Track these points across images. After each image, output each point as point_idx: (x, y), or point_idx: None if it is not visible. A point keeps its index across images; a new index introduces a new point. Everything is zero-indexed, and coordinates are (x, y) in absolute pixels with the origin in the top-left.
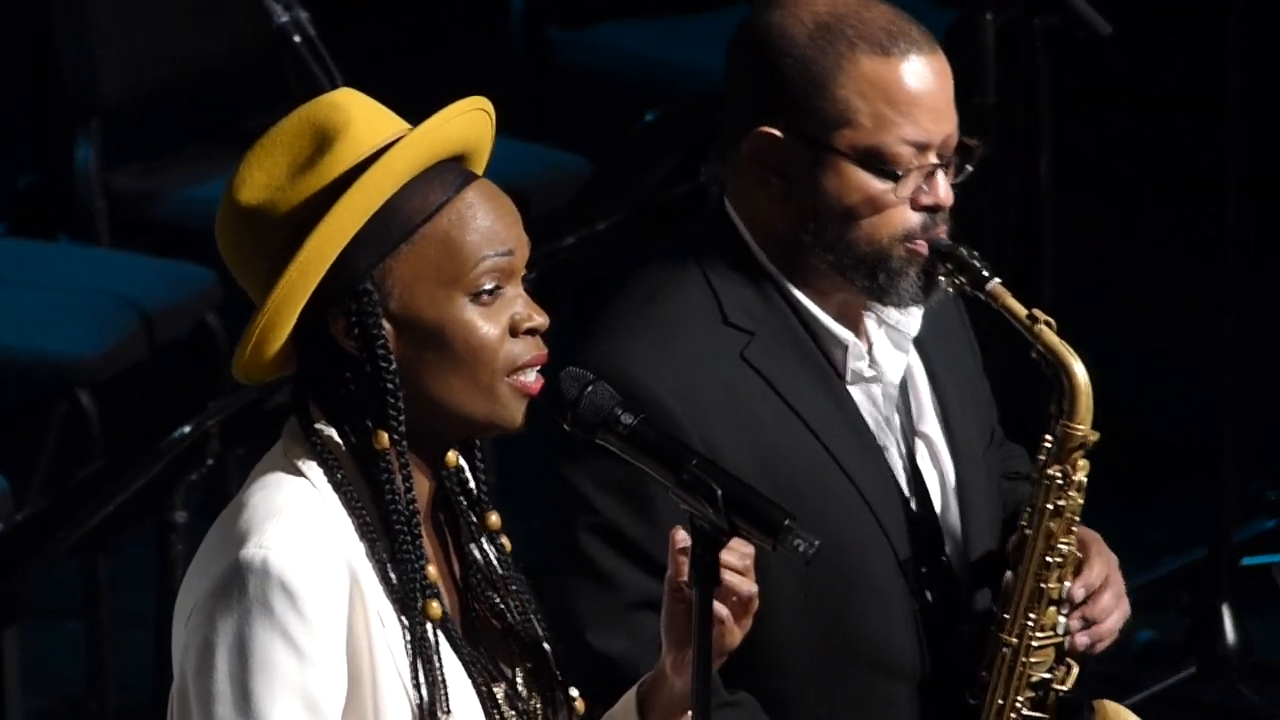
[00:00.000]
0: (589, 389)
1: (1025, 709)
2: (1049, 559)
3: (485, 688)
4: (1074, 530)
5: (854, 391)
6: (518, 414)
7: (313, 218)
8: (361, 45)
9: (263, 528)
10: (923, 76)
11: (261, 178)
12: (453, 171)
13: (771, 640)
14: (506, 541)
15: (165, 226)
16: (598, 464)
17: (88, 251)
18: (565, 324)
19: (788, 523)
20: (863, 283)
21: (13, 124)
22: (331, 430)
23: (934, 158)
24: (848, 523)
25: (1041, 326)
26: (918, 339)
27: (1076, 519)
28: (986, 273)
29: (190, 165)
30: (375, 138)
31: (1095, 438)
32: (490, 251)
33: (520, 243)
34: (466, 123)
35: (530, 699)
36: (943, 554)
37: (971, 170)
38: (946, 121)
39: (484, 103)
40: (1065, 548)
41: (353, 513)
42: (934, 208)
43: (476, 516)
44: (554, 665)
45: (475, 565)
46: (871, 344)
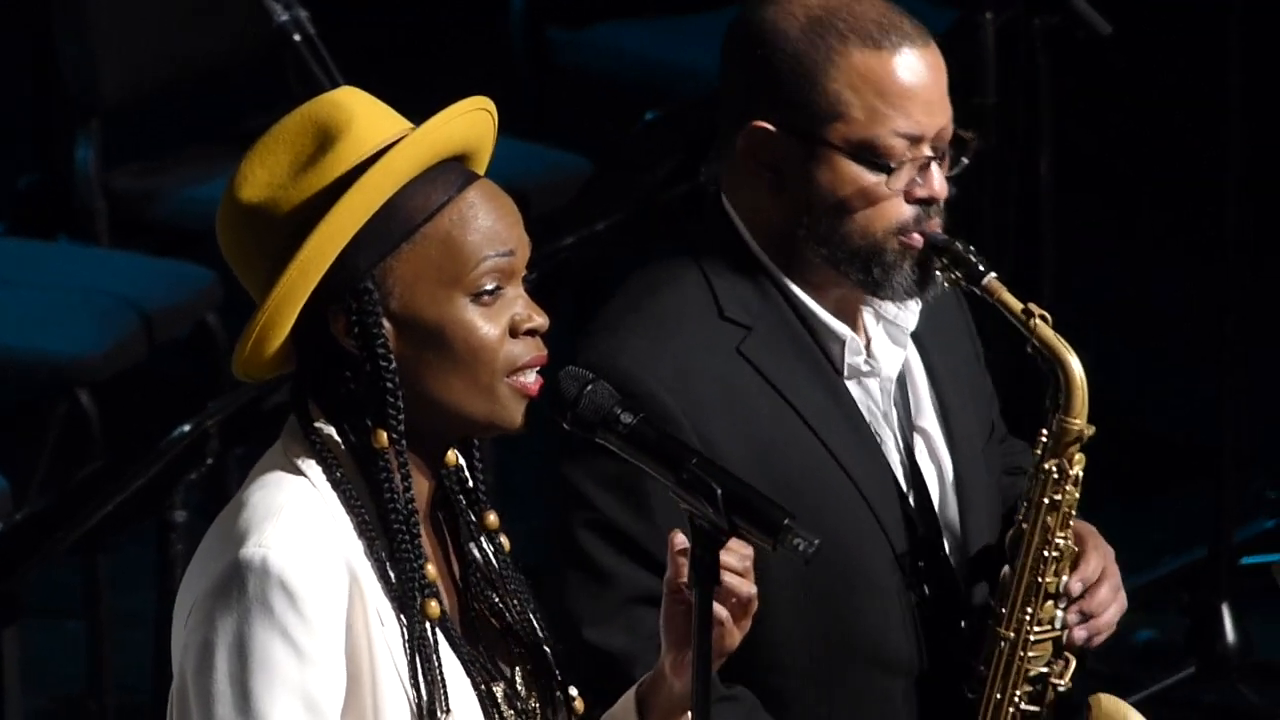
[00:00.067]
0: (588, 388)
1: (1023, 703)
2: (1045, 553)
3: (484, 687)
4: (1070, 524)
5: (851, 386)
6: (517, 414)
7: (314, 216)
8: (361, 45)
9: (262, 527)
10: (915, 69)
11: (263, 176)
12: (454, 171)
13: (769, 636)
14: (505, 541)
15: (165, 226)
16: (596, 462)
17: (87, 251)
18: (565, 324)
19: (787, 522)
20: (857, 276)
21: (13, 124)
22: (331, 429)
23: (928, 150)
24: (845, 518)
25: (1037, 321)
26: (916, 334)
27: (1073, 513)
28: (982, 267)
29: (190, 165)
30: (377, 137)
31: (1091, 432)
32: (491, 252)
33: (521, 243)
34: (468, 123)
35: (529, 698)
36: (941, 549)
37: (967, 163)
38: (940, 114)
39: (486, 103)
40: (1062, 542)
41: (352, 511)
42: (928, 200)
43: (475, 516)
44: (553, 665)
45: (474, 564)
46: (869, 339)
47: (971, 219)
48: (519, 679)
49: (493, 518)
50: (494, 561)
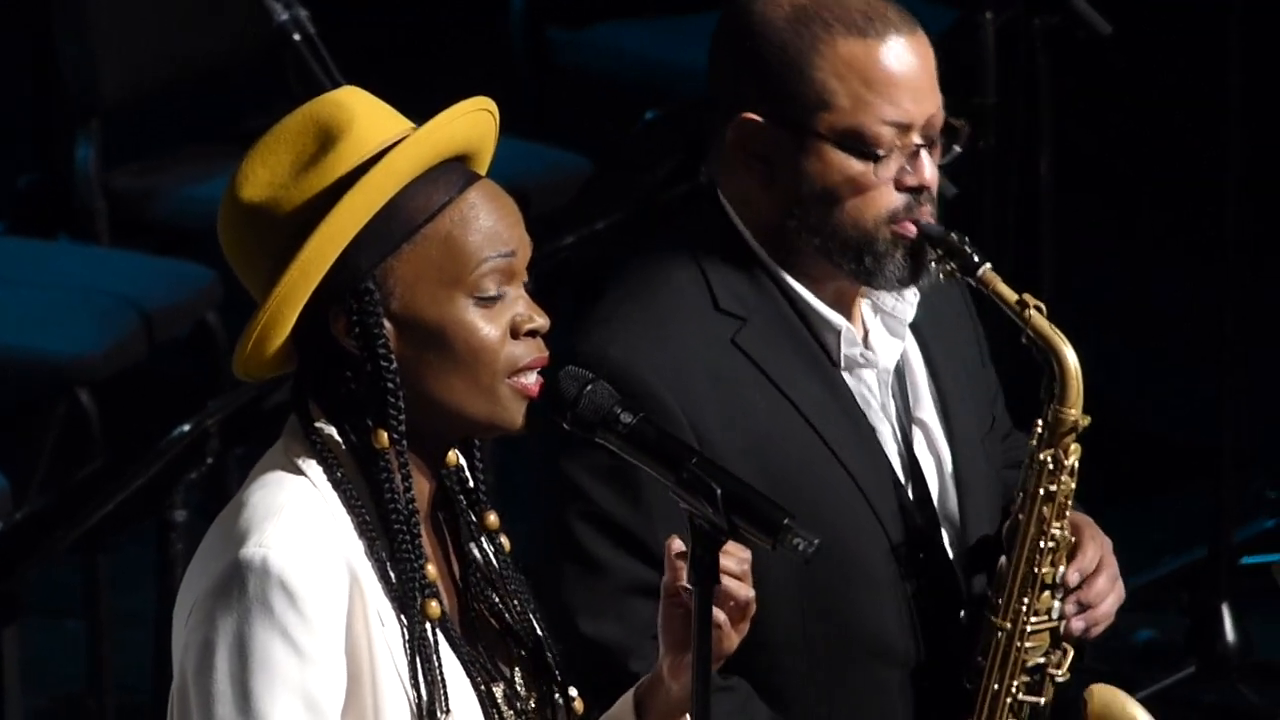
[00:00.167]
0: (588, 388)
1: (1020, 694)
2: (1041, 544)
3: (484, 687)
4: (1067, 515)
5: (848, 378)
6: (518, 415)
7: (315, 216)
8: (361, 45)
9: (263, 527)
10: (901, 57)
11: (264, 175)
12: (456, 172)
13: (766, 627)
14: (506, 541)
15: (165, 226)
16: (591, 454)
17: (87, 251)
18: (565, 324)
19: (787, 522)
20: (850, 266)
21: (13, 124)
22: (332, 429)
23: (917, 138)
24: (841, 509)
25: (1031, 312)
26: (916, 325)
27: (1069, 503)
28: (977, 258)
29: (190, 164)
30: (379, 137)
31: (1087, 422)
32: (492, 252)
33: (522, 244)
34: (470, 123)
35: (529, 699)
36: (939, 540)
37: (959, 150)
38: (928, 101)
39: (488, 103)
40: (1058, 532)
41: (352, 511)
42: (918, 188)
43: (476, 516)
44: (553, 665)
45: (474, 565)
46: (867, 331)
47: (971, 219)
48: (519, 679)
49: (493, 518)
50: (494, 562)
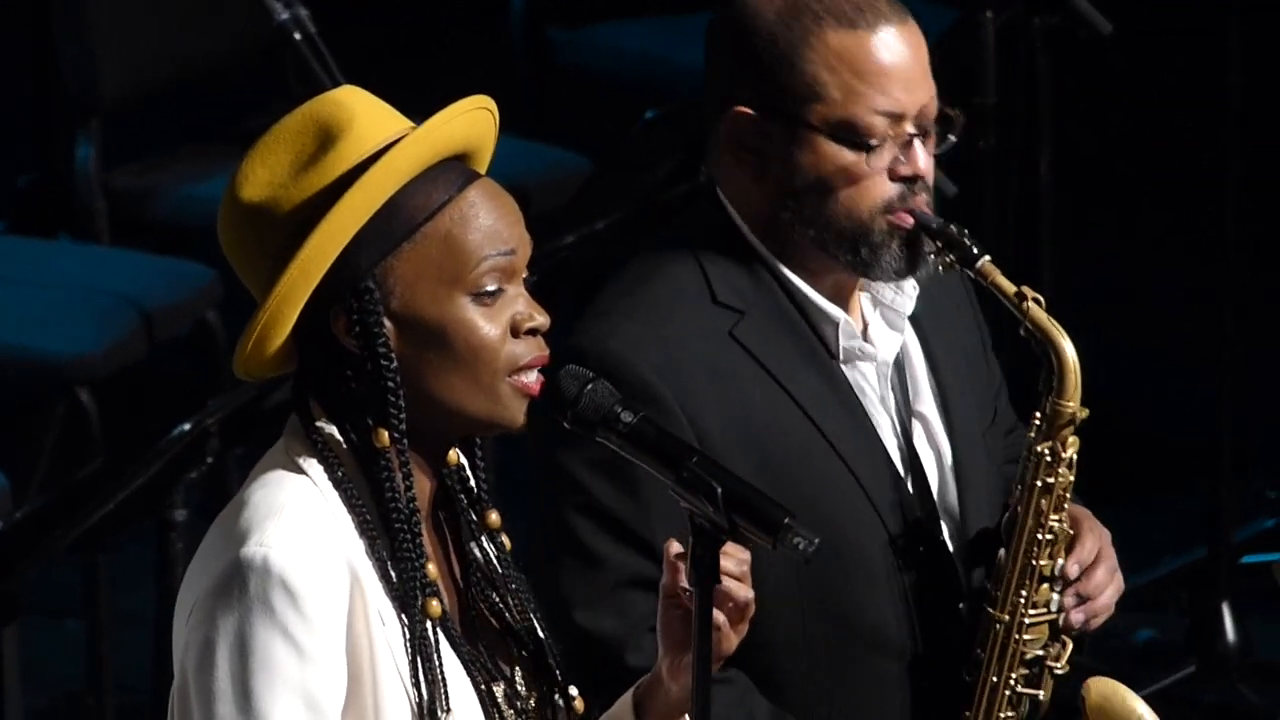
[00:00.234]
0: (589, 387)
1: (1019, 686)
2: (1039, 536)
3: (485, 686)
4: (1065, 508)
5: (847, 370)
6: (519, 414)
7: (315, 215)
8: (362, 44)
9: (263, 526)
10: (891, 47)
11: (264, 175)
12: (455, 170)
13: (765, 620)
14: (507, 540)
15: (165, 225)
16: (589, 447)
17: (88, 250)
18: (566, 323)
19: (788, 521)
20: (846, 257)
21: (13, 123)
22: (332, 428)
23: (910, 128)
24: (839, 501)
25: (1030, 304)
26: (915, 318)
27: (1067, 496)
28: (976, 250)
29: (190, 163)
30: (378, 136)
31: (1085, 414)
32: (492, 251)
33: (522, 242)
34: (469, 121)
35: (529, 698)
36: (938, 533)
37: (954, 140)
38: (920, 90)
39: (487, 101)
40: (1056, 524)
41: (353, 511)
42: (912, 178)
43: (476, 515)
44: (554, 665)
45: (475, 564)
46: (866, 324)
47: (971, 219)
48: (519, 679)
49: (494, 517)
50: (495, 561)
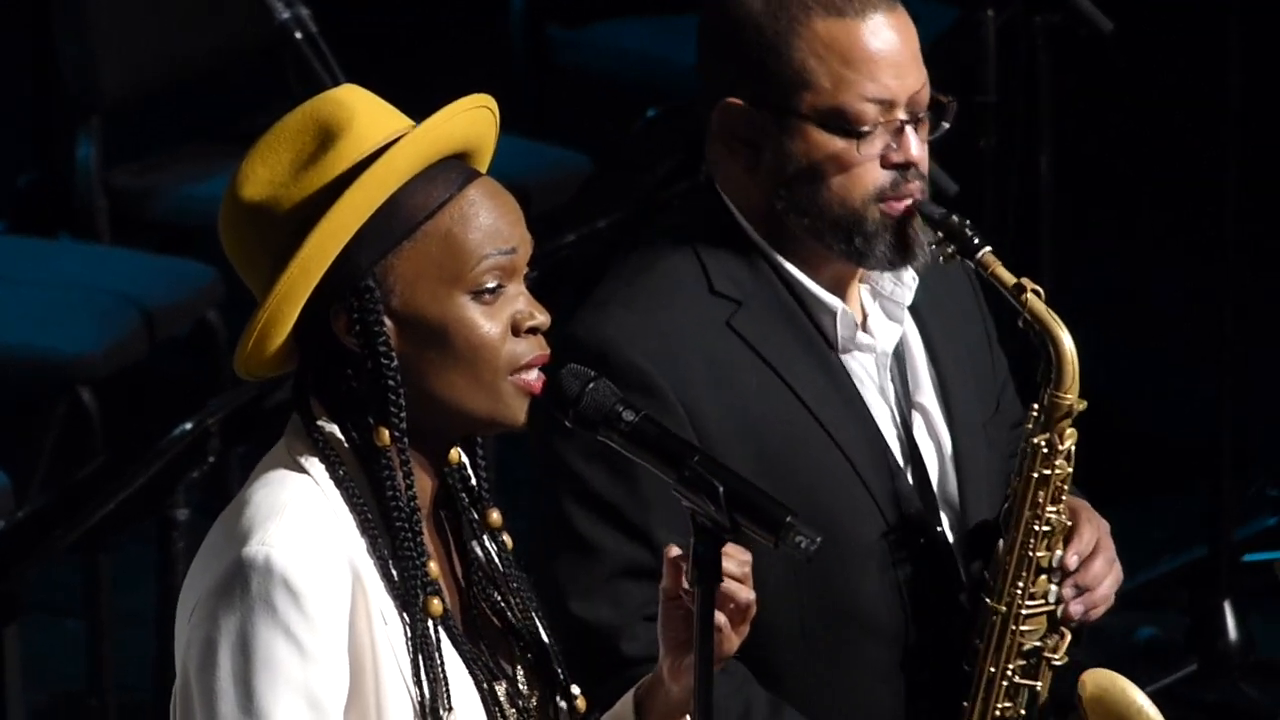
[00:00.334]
0: (590, 386)
1: (1017, 677)
2: (1036, 527)
3: (486, 685)
4: (1063, 499)
5: (846, 360)
6: (520, 412)
7: (315, 214)
8: (362, 44)
9: (265, 525)
10: (880, 34)
11: (264, 174)
12: (455, 169)
13: (763, 609)
14: (508, 539)
15: (166, 224)
16: (585, 437)
17: (88, 249)
18: (566, 322)
19: (789, 519)
20: (840, 246)
21: (13, 123)
22: (333, 427)
23: (902, 114)
24: (837, 491)
25: (1029, 295)
26: (916, 309)
27: (1065, 487)
28: (977, 240)
29: (191, 162)
30: (378, 134)
31: (1082, 406)
32: (492, 249)
33: (523, 241)
34: (470, 120)
35: (531, 696)
36: (938, 524)
37: (947, 126)
38: (910, 77)
39: (488, 100)
40: (1053, 516)
41: (355, 509)
42: (904, 165)
43: (478, 513)
44: (556, 663)
45: (477, 562)
46: (866, 315)
47: (971, 218)
48: (521, 677)
49: (495, 516)
50: (496, 560)
